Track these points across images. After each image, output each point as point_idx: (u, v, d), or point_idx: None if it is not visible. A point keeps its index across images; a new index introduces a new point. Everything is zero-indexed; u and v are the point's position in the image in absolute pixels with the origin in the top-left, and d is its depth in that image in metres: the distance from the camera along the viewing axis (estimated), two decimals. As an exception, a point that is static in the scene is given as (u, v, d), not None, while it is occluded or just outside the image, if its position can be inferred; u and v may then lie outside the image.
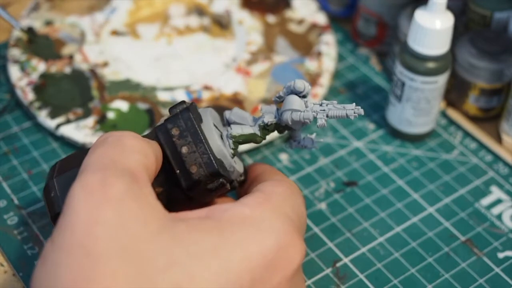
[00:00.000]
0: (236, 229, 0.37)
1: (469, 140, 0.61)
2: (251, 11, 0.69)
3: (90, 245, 0.34)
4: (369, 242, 0.53)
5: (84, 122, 0.58)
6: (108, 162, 0.37)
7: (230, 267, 0.35)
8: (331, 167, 0.58)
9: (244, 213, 0.38)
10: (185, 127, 0.41)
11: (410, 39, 0.55)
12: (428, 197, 0.56)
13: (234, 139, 0.43)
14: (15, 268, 0.50)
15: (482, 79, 0.59)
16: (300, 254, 0.38)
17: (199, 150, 0.41)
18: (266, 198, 0.39)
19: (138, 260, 0.34)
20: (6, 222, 0.53)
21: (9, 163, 0.57)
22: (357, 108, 0.42)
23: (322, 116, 0.42)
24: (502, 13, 0.60)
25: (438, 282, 0.50)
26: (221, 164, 0.42)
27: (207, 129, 0.42)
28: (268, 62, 0.64)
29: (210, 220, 0.37)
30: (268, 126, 0.43)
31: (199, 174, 0.41)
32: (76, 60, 0.64)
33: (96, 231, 0.34)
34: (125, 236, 0.34)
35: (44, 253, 0.35)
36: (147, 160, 0.39)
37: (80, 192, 0.35)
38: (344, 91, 0.65)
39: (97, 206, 0.34)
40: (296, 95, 0.43)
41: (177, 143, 0.41)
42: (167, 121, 0.41)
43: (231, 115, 0.45)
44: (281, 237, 0.37)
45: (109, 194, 0.35)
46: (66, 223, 0.35)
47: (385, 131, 0.61)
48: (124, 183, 0.35)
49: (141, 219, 0.35)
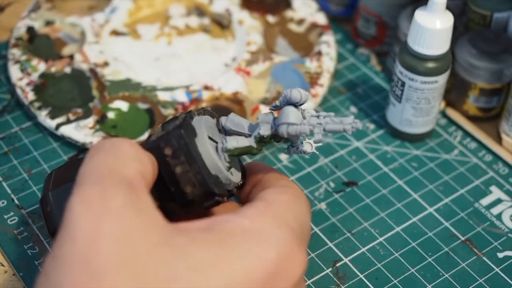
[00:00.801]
0: (237, 241, 0.36)
1: (469, 140, 0.61)
2: (251, 11, 0.69)
3: (91, 260, 0.33)
4: (369, 242, 0.53)
5: (84, 122, 0.58)
6: (105, 172, 0.36)
7: (231, 281, 0.35)
8: (331, 167, 0.58)
9: (244, 225, 0.37)
10: (177, 147, 0.40)
11: (410, 39, 0.55)
12: (428, 197, 0.56)
13: (229, 152, 0.42)
14: (15, 268, 0.50)
15: (482, 79, 0.59)
16: (302, 266, 0.38)
17: (193, 170, 0.40)
18: (268, 208, 0.39)
19: (139, 273, 0.34)
20: (6, 222, 0.53)
21: (9, 163, 0.57)
22: (355, 122, 0.41)
23: (319, 131, 0.42)
24: (502, 13, 0.60)
25: (438, 282, 0.51)
26: (217, 180, 0.41)
27: (201, 143, 0.40)
28: (268, 62, 0.64)
29: (211, 232, 0.37)
30: (264, 138, 0.43)
31: (193, 194, 0.40)
32: (76, 60, 0.64)
33: (97, 245, 0.33)
34: (126, 249, 0.34)
35: (46, 267, 0.35)
36: (144, 168, 0.38)
37: (79, 205, 0.35)
38: (344, 91, 0.65)
39: (97, 220, 0.34)
40: (292, 105, 0.42)
41: (171, 163, 0.40)
42: (160, 139, 0.40)
43: (227, 122, 0.43)
44: (282, 249, 0.37)
45: (109, 206, 0.34)
46: (67, 237, 0.34)
47: (385, 131, 0.61)
48: (123, 194, 0.35)
49: (142, 231, 0.35)
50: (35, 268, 0.50)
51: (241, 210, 0.39)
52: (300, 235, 0.39)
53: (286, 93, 0.42)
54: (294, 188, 0.42)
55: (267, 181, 0.43)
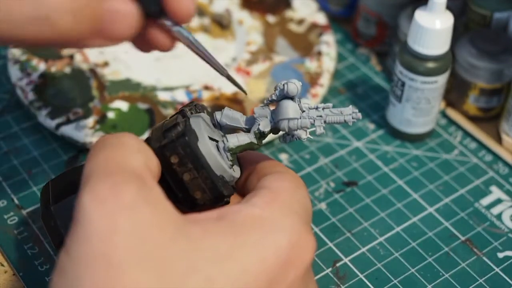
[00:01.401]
0: (249, 230, 0.37)
1: (469, 140, 0.61)
2: (251, 11, 0.69)
3: (110, 255, 0.33)
4: (369, 242, 0.53)
5: (84, 122, 0.58)
6: (114, 167, 0.36)
7: (247, 270, 0.35)
8: (331, 167, 0.58)
9: (255, 214, 0.38)
10: (184, 154, 0.39)
11: (410, 39, 0.55)
12: (428, 197, 0.56)
13: (231, 151, 0.42)
14: (15, 268, 0.50)
15: (482, 79, 0.59)
16: (312, 250, 0.38)
17: (201, 176, 0.40)
18: (274, 196, 0.39)
19: (158, 267, 0.34)
20: (6, 222, 0.53)
21: (9, 163, 0.57)
22: (354, 112, 0.41)
23: (320, 124, 0.42)
24: (502, 13, 0.60)
25: (438, 282, 0.51)
26: (223, 180, 0.41)
27: (203, 146, 0.40)
28: (268, 62, 0.64)
29: (223, 222, 0.37)
30: (264, 134, 0.43)
31: (204, 199, 0.40)
32: (76, 60, 0.64)
33: (114, 241, 0.33)
34: (143, 243, 0.34)
35: (61, 265, 0.34)
36: (150, 161, 0.38)
37: (91, 202, 0.34)
38: (344, 91, 0.65)
39: (111, 215, 0.34)
40: (289, 98, 0.42)
41: (178, 170, 0.40)
42: (164, 148, 0.40)
43: (223, 118, 0.43)
44: (293, 235, 0.37)
45: (122, 201, 0.34)
46: (81, 235, 0.34)
47: (385, 131, 0.61)
48: (134, 188, 0.35)
49: (156, 224, 0.35)
50: (35, 268, 0.50)
51: (249, 200, 0.39)
52: (306, 220, 0.40)
53: (282, 86, 0.41)
54: (291, 173, 0.42)
55: (263, 168, 0.43)
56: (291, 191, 0.40)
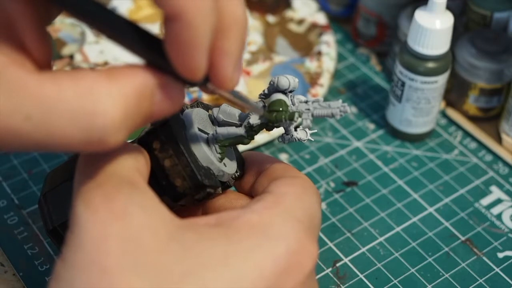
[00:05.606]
0: (246, 237, 0.36)
1: (469, 140, 0.61)
2: (251, 11, 0.69)
3: (102, 262, 0.33)
4: (369, 242, 0.53)
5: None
6: (104, 175, 0.36)
7: (243, 276, 0.35)
8: (331, 167, 0.58)
9: (253, 221, 0.37)
10: (165, 140, 0.39)
11: (410, 39, 0.55)
12: (428, 197, 0.56)
13: (220, 143, 0.42)
14: (15, 268, 0.50)
15: (482, 79, 0.59)
16: (312, 259, 0.38)
17: (181, 162, 0.39)
18: (276, 202, 0.39)
19: (152, 272, 0.34)
20: (6, 222, 0.53)
21: (9, 163, 0.57)
22: (342, 105, 0.41)
23: (308, 117, 0.41)
24: (502, 13, 0.60)
25: (438, 282, 0.51)
26: (208, 172, 0.41)
27: (190, 135, 0.40)
28: (268, 62, 0.64)
29: (219, 228, 0.37)
30: (254, 127, 0.42)
31: (183, 187, 0.40)
32: (77, 60, 0.64)
33: (106, 247, 0.34)
34: (136, 248, 0.34)
35: (57, 271, 0.35)
36: (139, 163, 0.38)
37: (85, 211, 0.35)
38: (344, 91, 0.65)
39: (103, 223, 0.34)
40: (281, 92, 0.42)
41: (159, 156, 0.40)
42: (148, 134, 0.40)
43: (219, 113, 0.43)
44: (292, 243, 0.37)
45: (114, 208, 0.34)
46: (76, 243, 0.34)
47: (385, 131, 0.61)
48: (126, 194, 0.35)
49: (150, 228, 0.35)
50: (35, 268, 0.50)
51: (250, 205, 0.39)
52: (309, 227, 0.39)
53: (274, 80, 0.41)
54: (303, 178, 0.41)
55: (274, 171, 0.42)
56: (297, 197, 0.39)
